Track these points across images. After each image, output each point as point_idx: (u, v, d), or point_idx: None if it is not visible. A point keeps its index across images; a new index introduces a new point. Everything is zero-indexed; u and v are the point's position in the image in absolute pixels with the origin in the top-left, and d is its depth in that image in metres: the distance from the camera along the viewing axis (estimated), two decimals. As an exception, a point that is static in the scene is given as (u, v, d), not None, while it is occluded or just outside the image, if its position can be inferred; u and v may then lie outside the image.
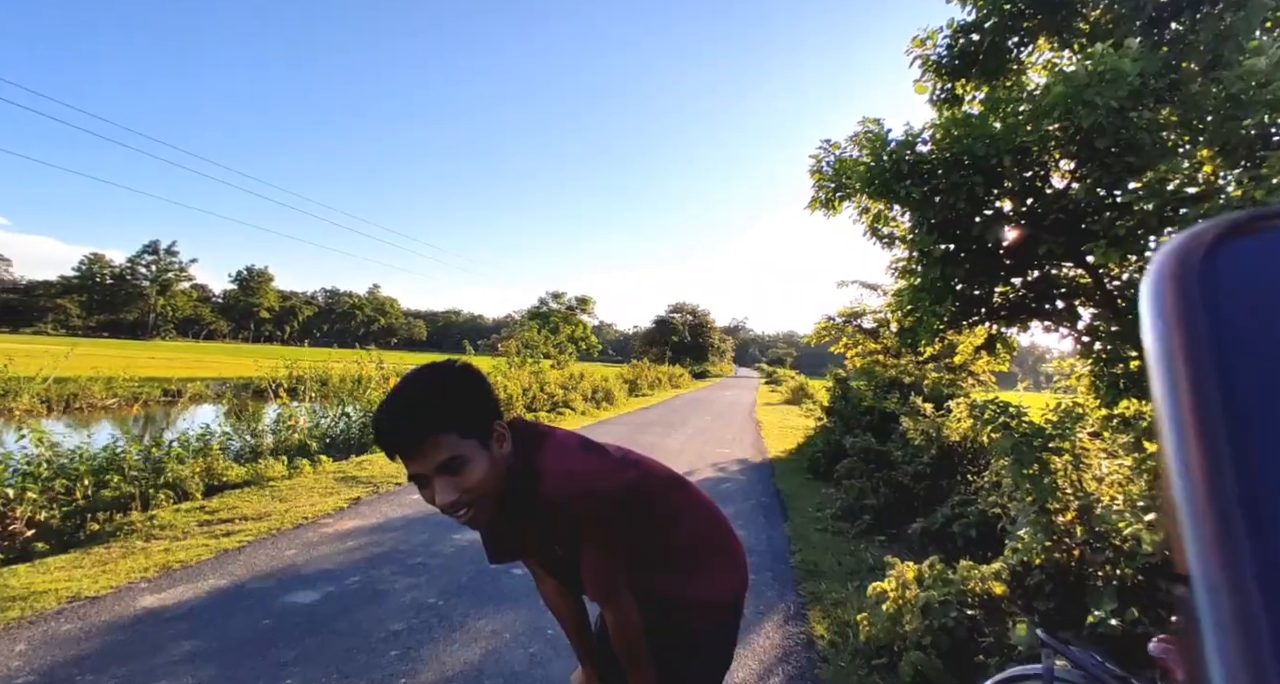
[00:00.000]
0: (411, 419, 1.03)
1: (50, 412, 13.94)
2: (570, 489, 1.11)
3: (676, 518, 1.34)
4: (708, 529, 1.40)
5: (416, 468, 1.04)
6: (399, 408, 1.04)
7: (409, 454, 1.04)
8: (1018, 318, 6.48)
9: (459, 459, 1.04)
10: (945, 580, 3.09)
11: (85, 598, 3.17)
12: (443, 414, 1.04)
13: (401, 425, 1.03)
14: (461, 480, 1.05)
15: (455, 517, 1.08)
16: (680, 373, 38.91)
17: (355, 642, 2.84)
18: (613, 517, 1.15)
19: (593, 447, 1.24)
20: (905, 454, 6.52)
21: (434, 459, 1.03)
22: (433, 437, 1.03)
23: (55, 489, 4.95)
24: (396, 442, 1.04)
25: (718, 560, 1.39)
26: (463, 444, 1.05)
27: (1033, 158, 4.73)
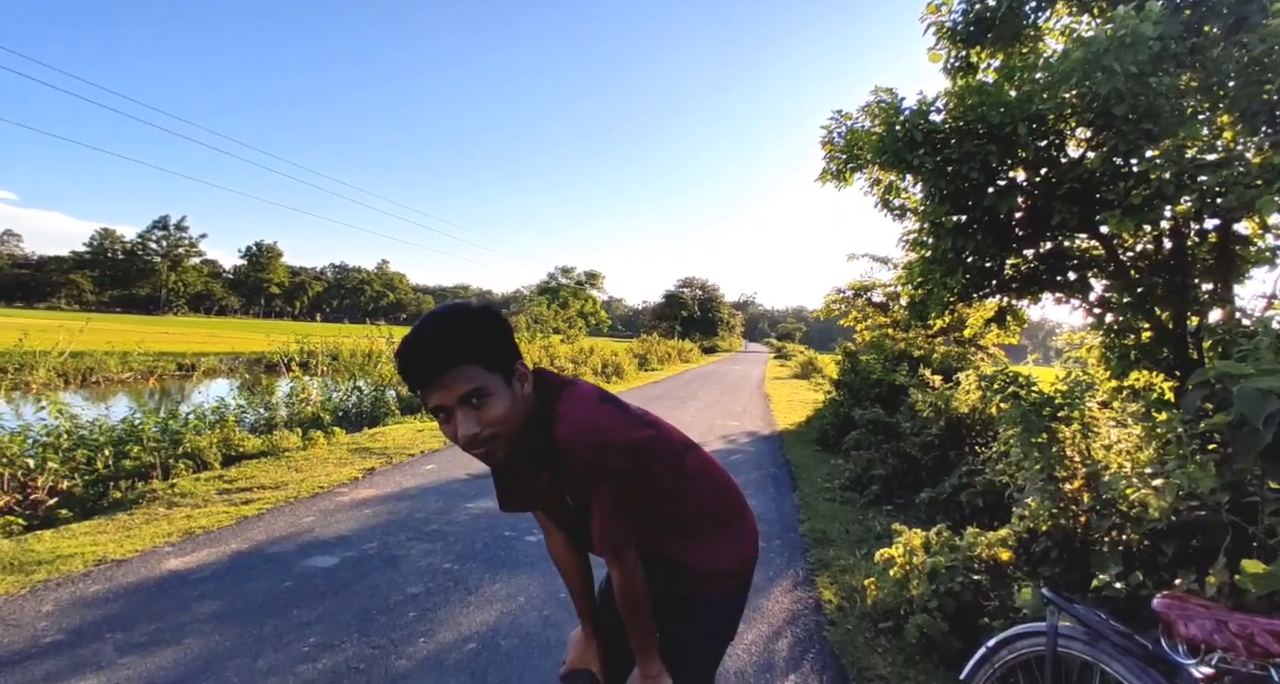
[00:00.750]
0: (438, 349, 1.04)
1: (67, 385, 14.17)
2: (585, 437, 1.12)
3: (689, 484, 1.34)
4: (721, 498, 1.39)
5: (439, 399, 1.05)
6: (426, 338, 1.05)
7: (433, 384, 1.04)
8: (1029, 290, 6.42)
9: (482, 391, 1.05)
10: (952, 547, 3.13)
11: (111, 561, 3.27)
12: (469, 346, 1.05)
13: (428, 355, 1.04)
14: (483, 414, 1.06)
15: (473, 452, 1.09)
16: (689, 347, 38.94)
17: (374, 603, 2.92)
18: (624, 470, 1.15)
19: (611, 400, 1.25)
20: (914, 426, 6.55)
21: (457, 390, 1.04)
22: (458, 367, 1.04)
23: (76, 459, 5.07)
24: (422, 371, 1.05)
25: (729, 529, 1.38)
26: (487, 377, 1.06)
27: (1048, 126, 4.64)
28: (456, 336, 1.05)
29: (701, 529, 1.34)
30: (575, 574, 1.43)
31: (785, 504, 5.31)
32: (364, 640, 2.57)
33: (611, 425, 1.16)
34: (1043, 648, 1.52)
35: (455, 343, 1.05)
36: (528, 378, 1.15)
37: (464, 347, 1.05)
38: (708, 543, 1.34)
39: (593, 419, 1.15)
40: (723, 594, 1.37)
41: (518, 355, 1.14)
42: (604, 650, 1.41)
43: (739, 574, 1.38)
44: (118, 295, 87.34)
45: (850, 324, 14.44)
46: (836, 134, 6.45)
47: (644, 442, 1.21)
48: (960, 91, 4.91)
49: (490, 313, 1.12)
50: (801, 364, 26.87)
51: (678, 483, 1.31)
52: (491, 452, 1.10)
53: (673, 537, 1.32)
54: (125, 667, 2.27)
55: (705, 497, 1.36)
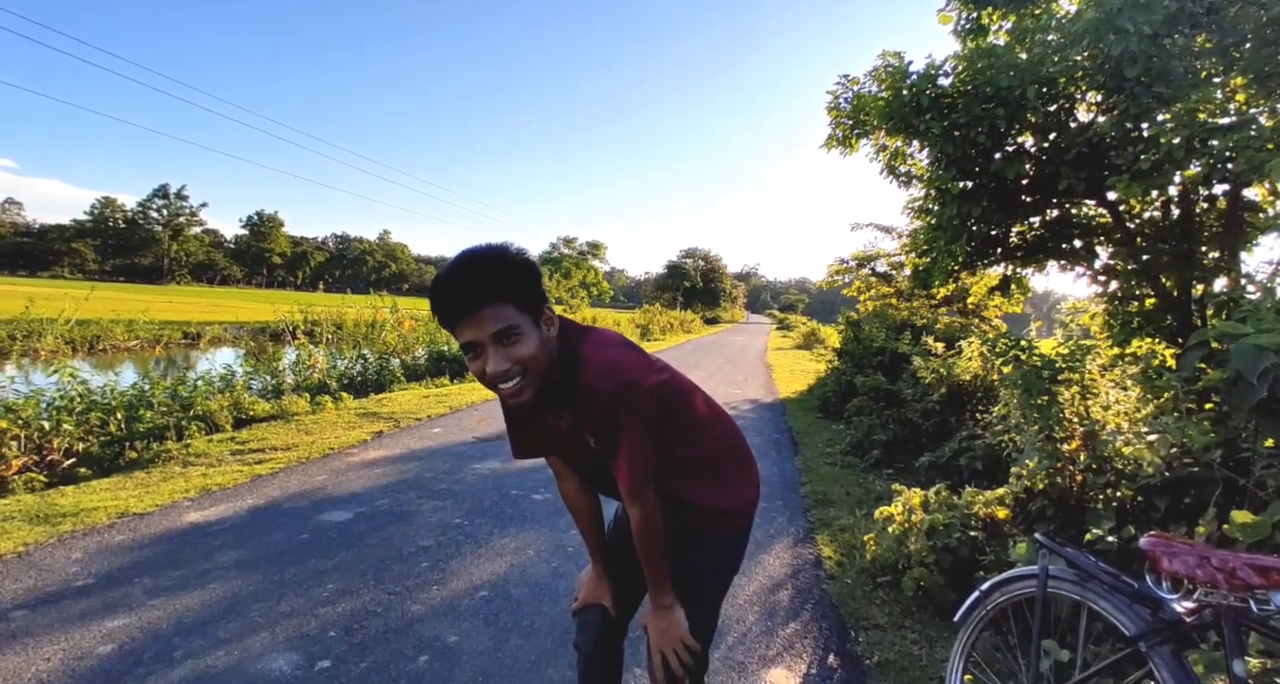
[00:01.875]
0: (475, 286, 1.08)
1: (75, 352, 14.29)
2: (611, 380, 1.16)
3: (700, 426, 1.42)
4: (728, 441, 1.48)
5: (471, 335, 1.09)
6: (463, 275, 1.09)
7: (467, 319, 1.08)
8: (1034, 257, 6.41)
9: (514, 329, 1.09)
10: (950, 505, 3.21)
11: (134, 514, 3.38)
12: (504, 285, 1.09)
13: (465, 291, 1.08)
14: (513, 351, 1.10)
15: (501, 389, 1.13)
16: (692, 318, 38.94)
17: (388, 554, 3.02)
18: (648, 412, 1.21)
19: (631, 346, 1.30)
20: (915, 393, 6.61)
21: (490, 327, 1.08)
22: (493, 304, 1.08)
23: (90, 422, 5.17)
24: (457, 306, 1.09)
25: (736, 471, 1.48)
26: (519, 317, 1.10)
27: (1058, 89, 4.58)
28: (493, 275, 1.09)
29: (711, 470, 1.43)
30: (587, 516, 1.51)
31: (787, 468, 5.41)
32: (380, 587, 2.67)
33: (635, 368, 1.21)
34: (1033, 589, 1.59)
35: (492, 281, 1.08)
36: (554, 322, 1.20)
37: (500, 285, 1.09)
38: (716, 483, 1.43)
39: (618, 362, 1.19)
40: (728, 531, 1.46)
41: (546, 299, 1.17)
42: (613, 587, 1.50)
43: (744, 512, 1.47)
44: (120, 264, 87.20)
45: (854, 294, 14.43)
46: (843, 99, 6.36)
47: (663, 384, 1.29)
48: (970, 54, 4.83)
49: (525, 257, 1.15)
50: (804, 335, 26.92)
51: (690, 425, 1.39)
52: (520, 391, 1.13)
53: (684, 477, 1.39)
54: (155, 608, 2.38)
55: (715, 438, 1.44)
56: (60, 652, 2.05)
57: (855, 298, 14.49)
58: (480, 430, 5.96)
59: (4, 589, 2.47)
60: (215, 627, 2.26)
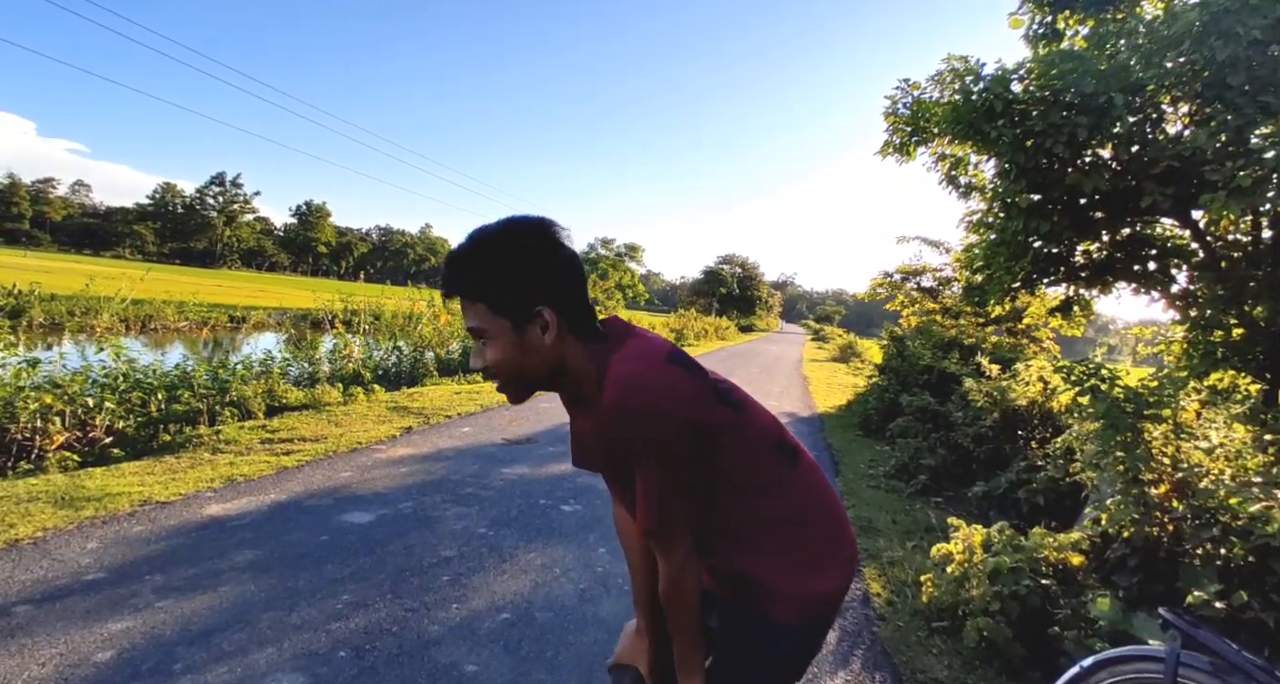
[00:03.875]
0: (452, 276, 1.00)
1: (128, 330, 14.73)
2: (629, 401, 0.94)
3: (777, 482, 1.09)
4: (817, 506, 1.12)
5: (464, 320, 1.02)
6: (453, 257, 1.00)
7: (449, 300, 1.03)
8: (1101, 279, 5.99)
9: (483, 331, 0.99)
10: (1016, 547, 2.91)
11: (155, 502, 3.31)
12: (475, 283, 0.98)
13: (448, 274, 1.01)
14: (487, 352, 1.00)
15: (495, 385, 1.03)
16: (727, 325, 38.53)
17: (408, 564, 2.87)
18: (672, 443, 0.95)
19: (683, 361, 1.03)
20: (966, 416, 6.25)
21: (467, 321, 1.01)
22: (465, 299, 1.00)
23: (132, 401, 5.19)
24: (444, 288, 1.02)
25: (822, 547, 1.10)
26: (490, 319, 0.98)
27: (1146, 98, 4.22)
28: (468, 269, 0.98)
29: (784, 540, 1.09)
30: (638, 553, 1.23)
31: (826, 489, 5.12)
32: (397, 602, 2.52)
33: (669, 387, 0.97)
34: (1155, 676, 1.33)
35: (465, 275, 0.99)
36: (552, 327, 0.98)
37: (471, 282, 0.98)
38: (789, 558, 1.08)
39: (647, 379, 0.96)
40: (797, 621, 1.07)
41: (543, 299, 0.97)
42: (656, 650, 1.22)
43: (822, 603, 1.09)
44: (177, 248, 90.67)
45: (896, 308, 14.00)
46: (902, 105, 6.05)
47: (712, 420, 1.01)
48: (1047, 58, 4.50)
49: (512, 249, 0.97)
50: (840, 347, 26.35)
51: (759, 478, 1.07)
52: (501, 388, 1.03)
53: (747, 545, 1.08)
54: (162, 611, 2.26)
55: (794, 499, 1.10)
56: (57, 656, 1.94)
57: (897, 312, 14.06)
58: (510, 431, 5.83)
59: (13, 579, 2.39)
60: (221, 637, 2.13)
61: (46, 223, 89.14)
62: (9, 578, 2.40)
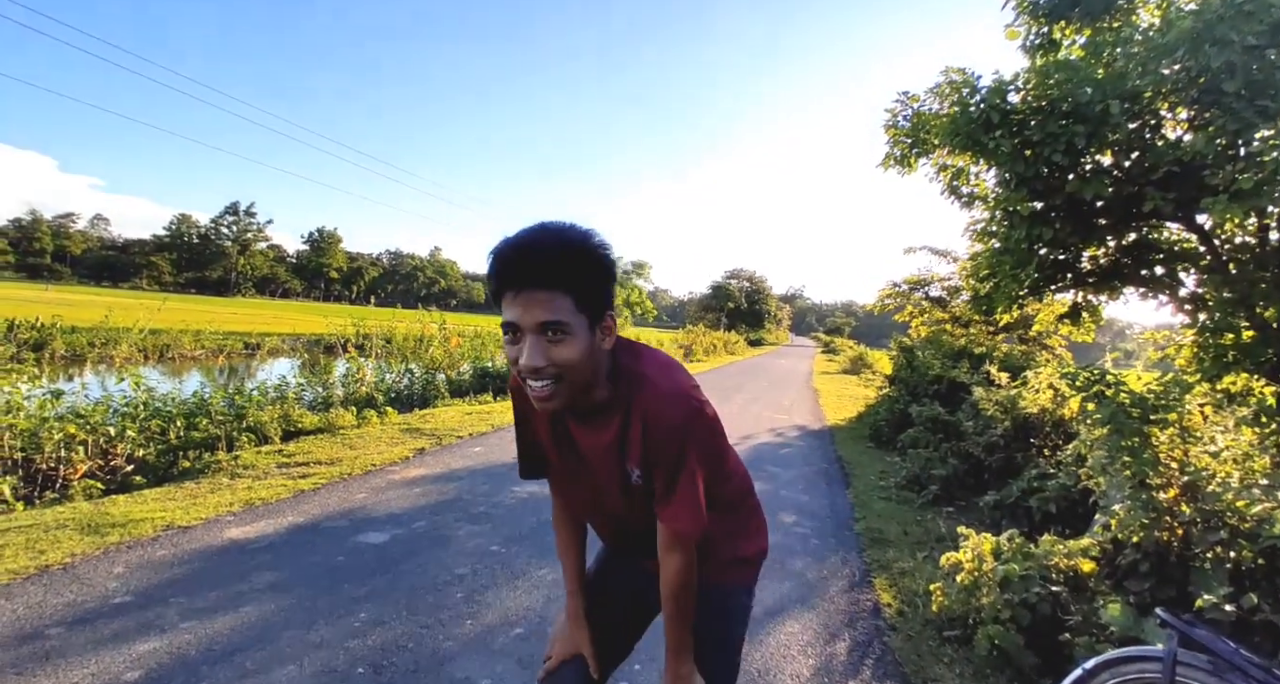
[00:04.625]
0: (540, 262, 0.92)
1: (146, 360, 15.00)
2: (685, 407, 1.02)
3: (730, 464, 1.30)
4: (748, 484, 1.37)
5: (516, 315, 0.94)
6: (534, 246, 0.94)
7: (518, 296, 0.93)
8: (1108, 284, 6.01)
9: (563, 327, 0.94)
10: (1026, 554, 2.92)
11: (178, 527, 3.38)
12: (573, 274, 0.94)
13: (530, 263, 0.93)
14: (556, 351, 0.94)
15: (531, 388, 0.98)
16: (736, 340, 38.49)
17: (422, 582, 2.92)
18: (713, 445, 1.08)
19: (683, 369, 1.15)
20: (976, 425, 6.24)
21: (538, 315, 0.93)
22: (551, 290, 0.92)
23: (151, 429, 5.31)
24: (515, 277, 0.93)
25: (754, 518, 1.37)
26: (574, 315, 0.95)
27: (1143, 105, 4.27)
28: (564, 259, 0.93)
29: (734, 514, 1.31)
30: (577, 546, 1.34)
31: (839, 501, 5.12)
32: (413, 618, 2.56)
33: (699, 394, 1.06)
34: (1156, 676, 1.35)
35: (560, 265, 0.93)
36: (612, 333, 1.03)
37: (567, 273, 0.93)
38: (738, 529, 1.32)
39: (686, 388, 1.04)
40: (743, 583, 1.32)
41: (611, 306, 1.02)
42: (594, 639, 1.28)
43: (757, 564, 1.36)
44: (192, 277, 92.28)
45: (905, 319, 13.97)
46: (901, 117, 6.15)
47: (714, 414, 1.13)
48: (1043, 69, 4.58)
49: (606, 252, 0.99)
50: (850, 359, 26.24)
51: (724, 462, 1.25)
52: (550, 395, 0.97)
53: (717, 525, 1.23)
54: (186, 631, 2.32)
55: (739, 481, 1.33)
56: (89, 677, 2.00)
57: (906, 323, 14.04)
58: (521, 450, 5.88)
59: (45, 604, 2.46)
60: (243, 656, 2.18)
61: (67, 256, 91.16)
62: (42, 602, 2.47)
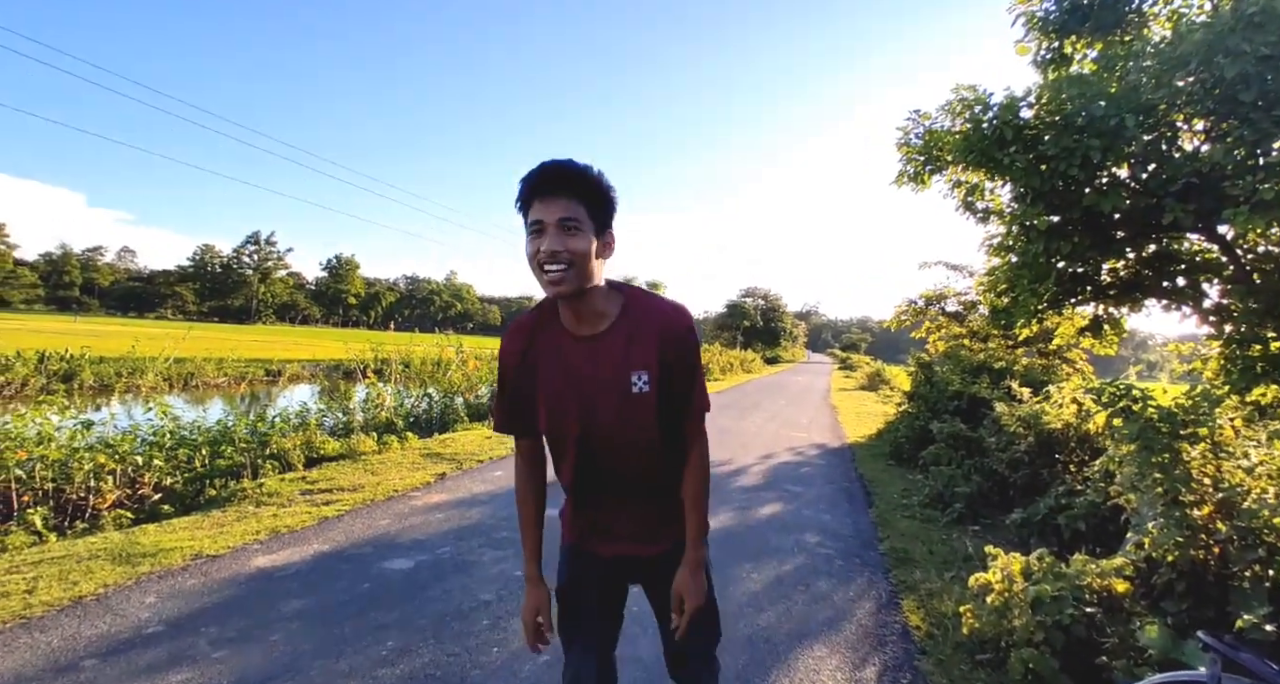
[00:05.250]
0: (567, 176, 1.22)
1: (171, 388, 15.27)
2: (687, 318, 1.36)
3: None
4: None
5: (540, 213, 1.21)
6: (562, 165, 1.23)
7: (544, 199, 1.21)
8: (1130, 296, 5.95)
9: (577, 223, 1.21)
10: (1057, 574, 2.86)
11: (206, 556, 3.43)
12: (587, 190, 1.23)
13: (557, 176, 1.22)
14: (570, 241, 1.20)
15: (547, 272, 1.21)
16: (752, 357, 38.36)
17: (448, 608, 2.93)
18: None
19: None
20: (999, 441, 6.14)
21: (559, 213, 1.20)
22: (570, 198, 1.21)
23: (178, 457, 5.40)
24: (545, 184, 1.21)
25: None
26: (585, 220, 1.23)
27: (1159, 117, 4.27)
28: (582, 179, 1.23)
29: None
30: (537, 509, 1.54)
31: (861, 521, 5.06)
32: (439, 646, 2.57)
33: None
34: (1198, 701, 1.32)
35: (579, 181, 1.23)
36: (612, 247, 1.32)
37: (583, 188, 1.23)
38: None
39: (679, 304, 1.37)
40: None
41: (610, 229, 1.31)
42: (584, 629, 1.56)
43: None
44: (215, 306, 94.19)
45: (922, 336, 13.87)
46: (914, 135, 6.18)
47: None
48: (1056, 83, 4.60)
49: (610, 186, 1.29)
50: (868, 375, 26.00)
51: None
52: (561, 279, 1.21)
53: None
54: (218, 662, 2.35)
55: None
56: (124, 707, 2.03)
57: (924, 339, 13.93)
58: (541, 474, 5.89)
59: (80, 635, 2.51)
60: (274, 685, 2.20)
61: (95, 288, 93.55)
62: (76, 633, 2.52)
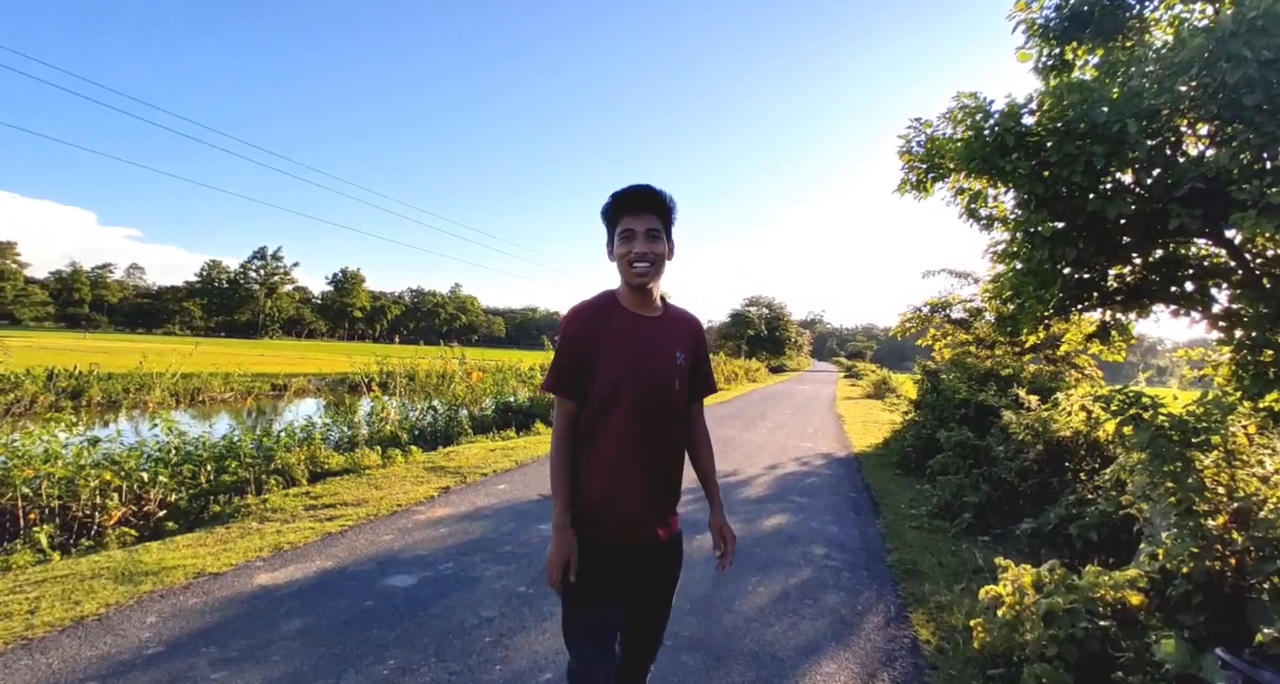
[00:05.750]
0: (656, 198, 1.64)
1: (178, 404, 15.32)
2: (701, 324, 1.88)
3: None
4: None
5: (632, 223, 1.61)
6: (649, 190, 1.64)
7: (636, 213, 1.62)
8: (1137, 302, 5.90)
9: (659, 233, 1.64)
10: (1070, 586, 2.81)
11: (209, 574, 3.41)
12: (667, 211, 1.67)
13: (648, 197, 1.63)
14: (654, 246, 1.63)
15: (635, 268, 1.62)
16: (757, 367, 38.27)
17: (450, 626, 2.89)
18: None
19: None
20: (1008, 449, 6.08)
21: (648, 223, 1.62)
22: (657, 214, 1.64)
23: (183, 473, 5.40)
24: (639, 202, 1.62)
25: None
26: (663, 231, 1.66)
27: (1161, 122, 4.25)
28: (662, 198, 1.66)
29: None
30: (571, 465, 1.69)
31: (869, 531, 5.00)
32: (441, 665, 2.53)
33: None
34: (1218, 721, 1.28)
35: (660, 201, 1.65)
36: (673, 251, 1.74)
37: (665, 209, 1.66)
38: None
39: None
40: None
41: (672, 236, 1.72)
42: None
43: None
44: (222, 321, 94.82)
45: (928, 343, 13.81)
46: (915, 143, 6.17)
47: None
48: (1057, 89, 4.59)
49: (676, 207, 1.71)
50: (874, 383, 25.89)
51: None
52: (646, 273, 1.63)
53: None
54: (217, 683, 2.32)
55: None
56: (122, 730, 2.00)
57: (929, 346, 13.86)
58: (546, 487, 5.85)
59: (80, 656, 2.48)
60: (274, 707, 2.17)
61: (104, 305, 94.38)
62: (76, 655, 2.50)
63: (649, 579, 1.69)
